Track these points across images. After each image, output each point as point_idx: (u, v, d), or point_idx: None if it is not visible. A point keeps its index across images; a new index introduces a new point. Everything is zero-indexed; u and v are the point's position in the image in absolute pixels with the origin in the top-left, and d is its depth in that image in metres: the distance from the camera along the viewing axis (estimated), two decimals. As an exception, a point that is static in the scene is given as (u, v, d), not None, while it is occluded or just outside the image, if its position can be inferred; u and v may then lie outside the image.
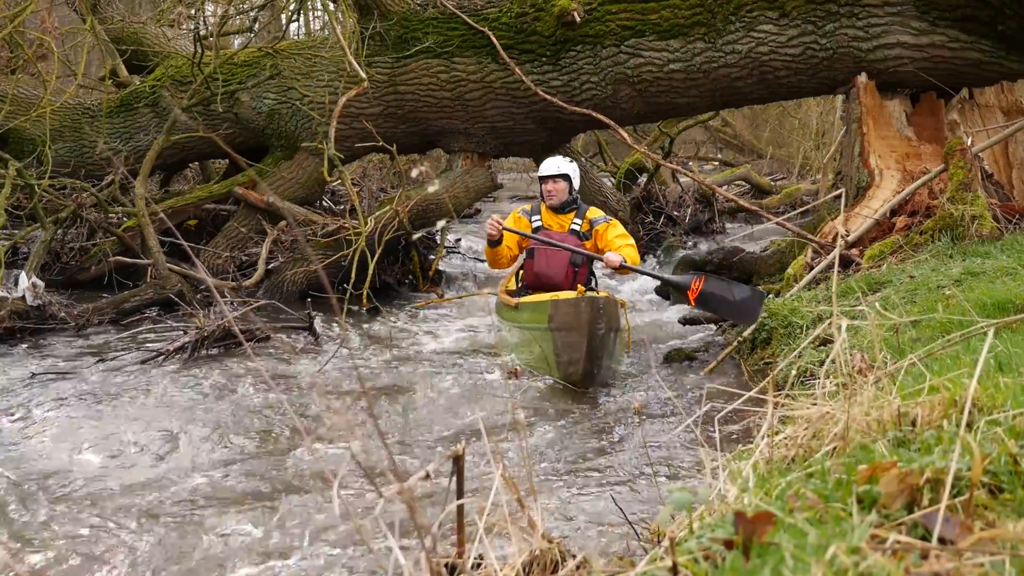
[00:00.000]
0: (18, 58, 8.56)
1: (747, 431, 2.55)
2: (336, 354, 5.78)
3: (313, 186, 8.79)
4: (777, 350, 4.76)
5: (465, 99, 8.29)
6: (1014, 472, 1.53)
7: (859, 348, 2.77)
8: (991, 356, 2.47)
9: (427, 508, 3.25)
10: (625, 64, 7.63)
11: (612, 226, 5.80)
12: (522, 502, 1.80)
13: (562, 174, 5.86)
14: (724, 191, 11.20)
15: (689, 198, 11.70)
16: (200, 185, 10.23)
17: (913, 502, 1.46)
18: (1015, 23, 6.29)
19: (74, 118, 9.36)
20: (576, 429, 4.44)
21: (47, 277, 7.61)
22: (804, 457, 1.95)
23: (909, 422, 1.87)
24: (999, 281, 4.09)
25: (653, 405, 4.79)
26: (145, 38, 9.96)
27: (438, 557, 1.53)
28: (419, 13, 8.38)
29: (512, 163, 19.43)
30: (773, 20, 7.07)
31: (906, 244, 5.83)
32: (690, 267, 7.87)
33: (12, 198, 7.45)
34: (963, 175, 5.65)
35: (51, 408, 4.82)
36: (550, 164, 5.92)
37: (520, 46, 7.99)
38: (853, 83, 6.95)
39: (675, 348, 5.98)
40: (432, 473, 1.59)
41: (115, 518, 3.36)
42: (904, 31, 6.68)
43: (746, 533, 1.36)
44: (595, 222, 5.82)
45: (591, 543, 2.92)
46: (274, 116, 8.75)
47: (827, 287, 5.32)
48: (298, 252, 8.27)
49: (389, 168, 13.43)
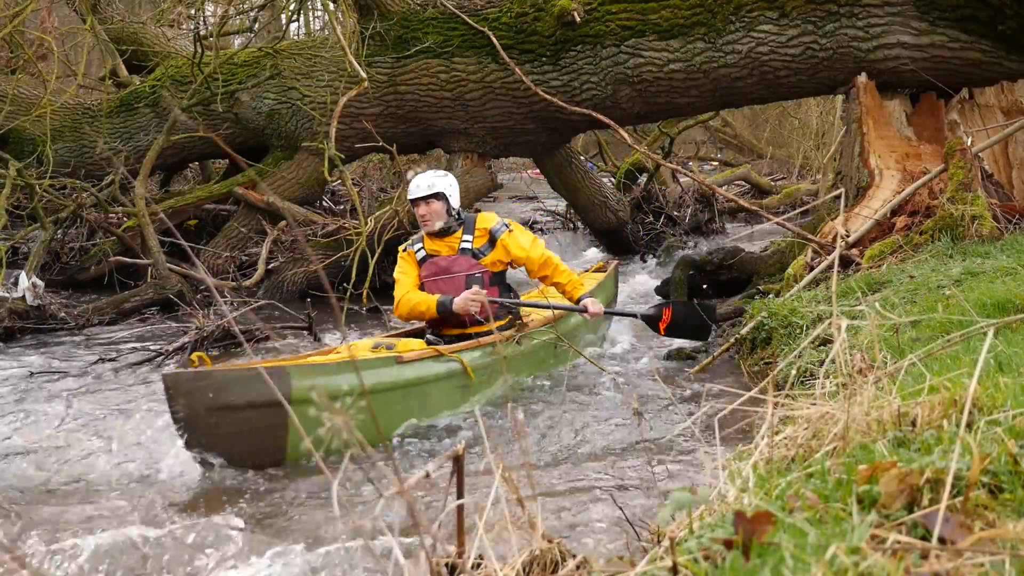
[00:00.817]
0: (18, 58, 8.57)
1: (747, 431, 2.55)
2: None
3: (313, 186, 8.80)
4: (777, 350, 4.75)
5: (465, 99, 8.29)
6: (1014, 472, 1.53)
7: (859, 348, 2.77)
8: (991, 356, 2.47)
9: (427, 508, 3.25)
10: (625, 64, 7.62)
11: (519, 233, 4.99)
12: (522, 502, 1.80)
13: (434, 193, 4.83)
14: (724, 191, 11.21)
15: (689, 198, 11.70)
16: (200, 185, 10.24)
17: (913, 502, 1.46)
18: (1015, 23, 6.29)
19: (74, 118, 9.36)
20: (576, 429, 4.43)
21: (47, 277, 7.62)
22: (804, 457, 1.95)
23: (909, 422, 1.87)
24: (999, 281, 4.09)
25: (653, 405, 4.78)
26: (145, 38, 9.96)
27: (438, 557, 1.53)
28: (419, 13, 8.38)
29: (512, 163, 19.43)
30: (773, 20, 7.07)
31: (906, 244, 5.83)
32: (690, 267, 7.87)
33: (12, 198, 7.45)
34: (963, 175, 5.65)
35: (51, 408, 4.82)
36: (418, 183, 4.88)
37: (520, 46, 7.99)
38: (853, 83, 6.95)
39: (675, 348, 5.98)
40: (432, 473, 1.59)
41: (114, 516, 3.36)
42: (904, 31, 6.68)
43: (746, 533, 1.36)
44: (496, 232, 4.93)
45: (591, 543, 2.92)
46: (274, 116, 8.75)
47: (827, 287, 5.32)
48: (298, 252, 8.27)
49: (389, 168, 13.43)
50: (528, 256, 4.95)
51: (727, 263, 7.58)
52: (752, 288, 6.86)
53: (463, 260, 4.84)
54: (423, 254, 4.92)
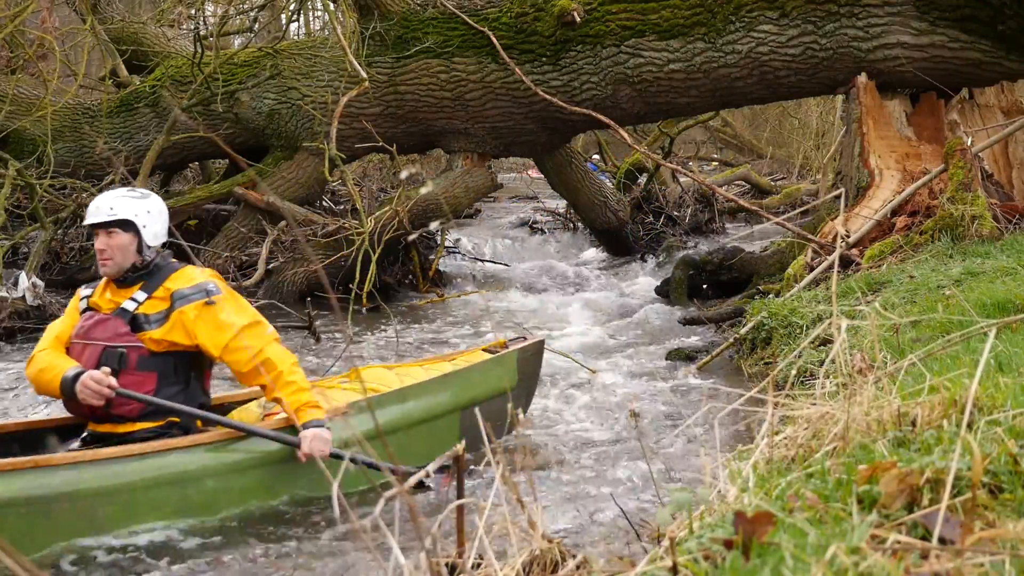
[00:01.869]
0: (18, 58, 8.57)
1: (747, 431, 2.55)
2: (336, 353, 5.78)
3: (313, 186, 8.80)
4: (777, 350, 4.75)
5: (465, 99, 8.29)
6: (1014, 472, 1.53)
7: (859, 348, 2.77)
8: (991, 356, 2.47)
9: (427, 508, 3.25)
10: (625, 64, 7.62)
11: (228, 310, 3.31)
12: (522, 502, 1.80)
13: (117, 221, 3.30)
14: (724, 191, 11.21)
15: (689, 198, 11.70)
16: (200, 185, 10.24)
17: (913, 502, 1.46)
18: (1015, 23, 6.29)
19: (74, 118, 9.36)
20: (575, 428, 4.44)
21: (47, 277, 7.62)
22: (804, 457, 1.95)
23: (909, 422, 1.87)
24: (999, 281, 4.09)
25: (653, 405, 4.78)
26: (145, 38, 9.96)
27: (438, 557, 1.53)
28: (419, 13, 8.38)
29: (512, 163, 19.44)
30: (773, 20, 7.07)
31: (906, 244, 5.83)
32: (690, 267, 7.87)
33: (12, 198, 7.45)
34: (963, 175, 5.65)
35: (50, 408, 4.81)
36: (98, 205, 3.34)
37: (520, 46, 7.99)
38: (853, 83, 6.95)
39: (675, 348, 5.98)
40: (432, 473, 1.59)
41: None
42: (904, 31, 6.68)
43: (746, 533, 1.36)
44: (180, 297, 3.31)
45: (591, 543, 2.92)
46: (274, 116, 8.76)
47: (827, 287, 5.32)
48: (298, 252, 8.27)
49: (389, 168, 13.43)
50: (227, 347, 3.27)
51: (727, 263, 7.59)
52: (752, 288, 6.86)
53: (112, 324, 3.29)
54: (86, 304, 3.42)
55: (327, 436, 3.26)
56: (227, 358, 3.29)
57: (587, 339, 6.62)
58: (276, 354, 3.31)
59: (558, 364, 5.49)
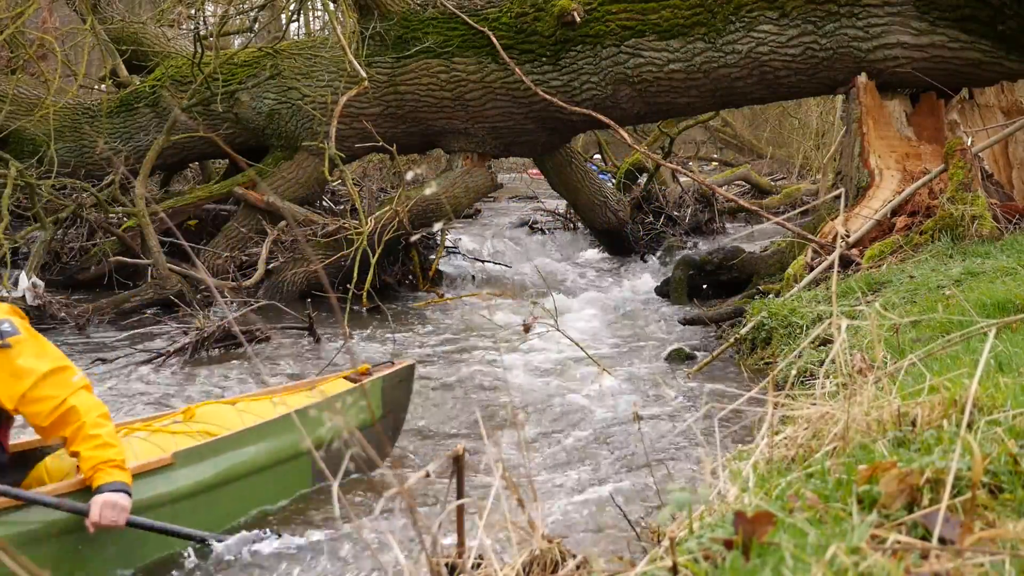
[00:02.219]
0: (19, 58, 8.57)
1: (747, 431, 2.55)
2: (339, 354, 5.78)
3: (313, 186, 8.80)
4: (777, 350, 4.75)
5: (465, 99, 8.29)
6: (1014, 472, 1.53)
7: (859, 348, 2.77)
8: (991, 356, 2.47)
9: (427, 508, 3.25)
10: (625, 64, 7.62)
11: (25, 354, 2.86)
12: (522, 502, 1.80)
13: None
14: (724, 191, 11.21)
15: (689, 198, 11.71)
16: (200, 185, 10.24)
17: (913, 502, 1.46)
18: (1015, 23, 6.29)
19: (74, 118, 9.36)
20: (576, 429, 4.44)
21: (47, 277, 7.62)
22: (804, 457, 1.95)
23: (909, 422, 1.87)
24: (999, 281, 4.09)
25: (653, 405, 4.78)
26: (145, 38, 9.96)
27: (438, 557, 1.53)
28: (419, 13, 8.38)
29: (512, 163, 19.43)
30: (773, 20, 7.07)
31: (906, 244, 5.83)
32: (690, 267, 7.87)
33: (13, 198, 7.45)
34: (963, 175, 5.65)
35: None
36: None
37: (520, 46, 7.99)
38: (853, 83, 6.95)
39: (675, 348, 5.98)
40: (432, 473, 1.59)
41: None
42: (904, 31, 6.68)
43: (746, 533, 1.36)
44: None
45: (591, 543, 2.92)
46: (274, 116, 8.76)
47: (827, 287, 5.32)
48: (298, 252, 8.27)
49: (389, 168, 13.43)
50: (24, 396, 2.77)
51: (727, 263, 7.59)
52: (752, 288, 6.86)
53: None
54: None
55: (124, 503, 2.72)
56: (24, 410, 2.76)
57: (587, 339, 6.61)
58: (83, 403, 2.79)
59: (561, 360, 5.49)
